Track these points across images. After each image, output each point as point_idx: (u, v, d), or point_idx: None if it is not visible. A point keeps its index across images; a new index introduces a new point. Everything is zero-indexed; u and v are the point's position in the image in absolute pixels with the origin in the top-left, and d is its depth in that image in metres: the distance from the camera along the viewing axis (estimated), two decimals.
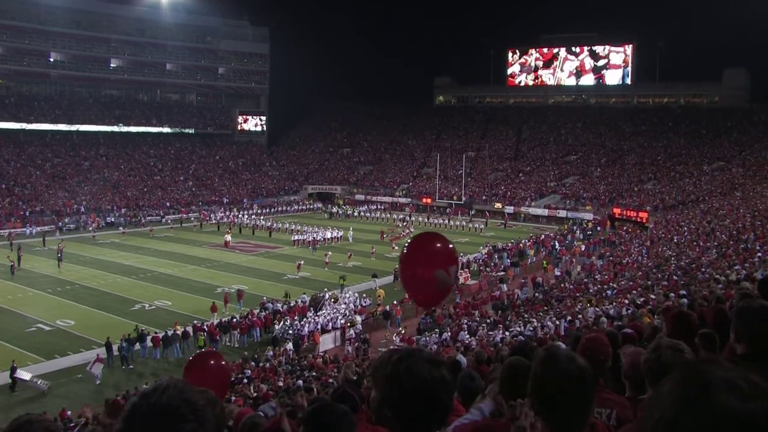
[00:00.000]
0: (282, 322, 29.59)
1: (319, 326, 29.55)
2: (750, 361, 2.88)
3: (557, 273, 41.61)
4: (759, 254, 25.02)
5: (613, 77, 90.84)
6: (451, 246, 6.33)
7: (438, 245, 6.36)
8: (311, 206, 78.28)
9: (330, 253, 45.16)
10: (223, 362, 6.83)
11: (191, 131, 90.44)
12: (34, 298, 34.56)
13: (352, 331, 29.67)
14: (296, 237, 53.12)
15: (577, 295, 31.41)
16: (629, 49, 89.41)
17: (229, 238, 51.28)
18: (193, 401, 1.53)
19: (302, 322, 29.74)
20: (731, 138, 73.90)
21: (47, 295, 35.26)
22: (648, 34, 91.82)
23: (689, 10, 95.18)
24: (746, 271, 19.46)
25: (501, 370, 3.48)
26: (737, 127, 75.77)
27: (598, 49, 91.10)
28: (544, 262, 44.38)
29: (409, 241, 7.04)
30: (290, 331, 28.98)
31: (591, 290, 31.37)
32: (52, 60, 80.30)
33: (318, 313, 31.03)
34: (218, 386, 5.99)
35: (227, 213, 67.44)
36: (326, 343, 28.96)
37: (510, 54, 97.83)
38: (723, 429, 1.11)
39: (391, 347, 21.72)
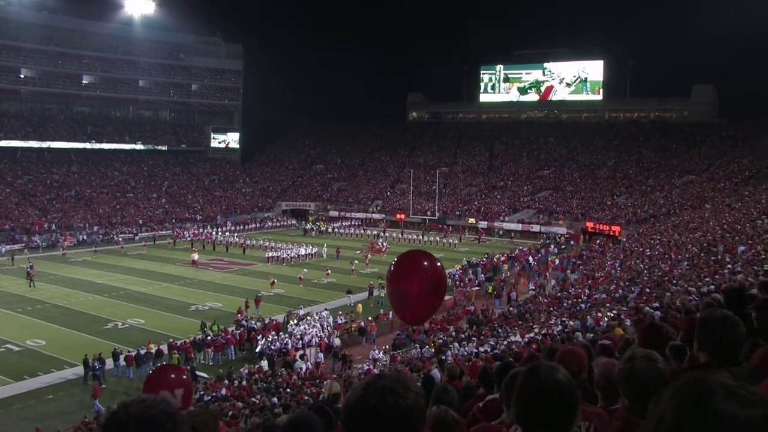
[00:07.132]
0: (264, 339, 29.35)
1: (300, 343, 29.37)
2: (713, 368, 2.96)
3: (531, 287, 41.89)
4: (729, 266, 25.37)
5: (582, 92, 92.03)
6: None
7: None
8: (285, 223, 78.06)
9: (306, 270, 45.29)
10: (185, 376, 6.84)
11: (164, 148, 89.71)
12: (2, 318, 33.86)
13: (338, 341, 29.73)
14: (270, 254, 52.90)
15: (551, 309, 31.61)
16: (600, 65, 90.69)
17: (195, 256, 50.49)
18: (169, 411, 1.56)
19: (282, 338, 29.55)
20: (701, 152, 75.14)
21: (16, 314, 34.58)
22: (618, 51, 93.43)
23: (659, 28, 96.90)
24: (716, 284, 19.71)
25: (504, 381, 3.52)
26: (706, 142, 77.11)
27: (569, 65, 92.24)
28: (490, 287, 41.92)
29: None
30: (272, 347, 28.73)
31: (565, 304, 31.56)
32: (22, 76, 79.12)
33: (296, 330, 30.81)
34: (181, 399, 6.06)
35: (201, 230, 66.90)
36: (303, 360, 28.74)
37: (481, 70, 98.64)
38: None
39: (369, 363, 21.63)
